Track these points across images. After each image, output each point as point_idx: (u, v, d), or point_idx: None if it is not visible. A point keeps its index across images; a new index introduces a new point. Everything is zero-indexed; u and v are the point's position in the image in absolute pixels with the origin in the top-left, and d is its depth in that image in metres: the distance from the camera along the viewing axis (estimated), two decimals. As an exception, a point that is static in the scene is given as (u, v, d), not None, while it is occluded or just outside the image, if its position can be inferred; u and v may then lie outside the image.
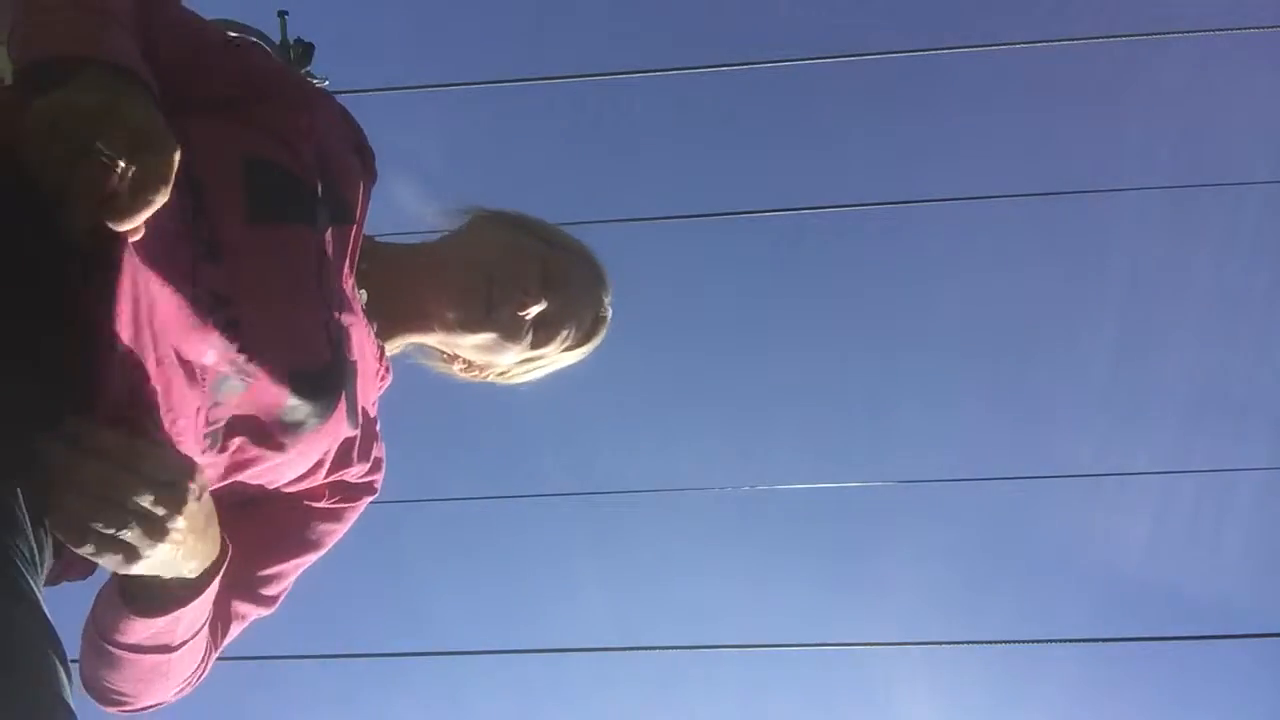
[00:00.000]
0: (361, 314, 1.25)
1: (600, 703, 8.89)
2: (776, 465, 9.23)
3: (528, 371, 1.47)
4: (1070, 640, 5.58)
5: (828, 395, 9.06)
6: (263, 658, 5.75)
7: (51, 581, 1.01)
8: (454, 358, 1.45)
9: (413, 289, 1.34)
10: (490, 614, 9.16)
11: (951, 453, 9.20)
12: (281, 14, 4.90)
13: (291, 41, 4.85)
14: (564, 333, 1.41)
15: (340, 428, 1.19)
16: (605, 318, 1.48)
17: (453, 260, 1.37)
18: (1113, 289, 8.44)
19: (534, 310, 1.36)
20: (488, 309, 1.34)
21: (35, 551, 0.91)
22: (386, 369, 1.34)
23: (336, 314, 1.17)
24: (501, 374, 1.47)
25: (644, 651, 6.60)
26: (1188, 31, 5.66)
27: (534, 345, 1.39)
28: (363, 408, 1.26)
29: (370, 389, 1.30)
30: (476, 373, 1.46)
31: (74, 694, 0.86)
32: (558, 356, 1.45)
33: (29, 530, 0.91)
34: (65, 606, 0.97)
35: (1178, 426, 8.32)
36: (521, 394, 1.52)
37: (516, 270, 1.36)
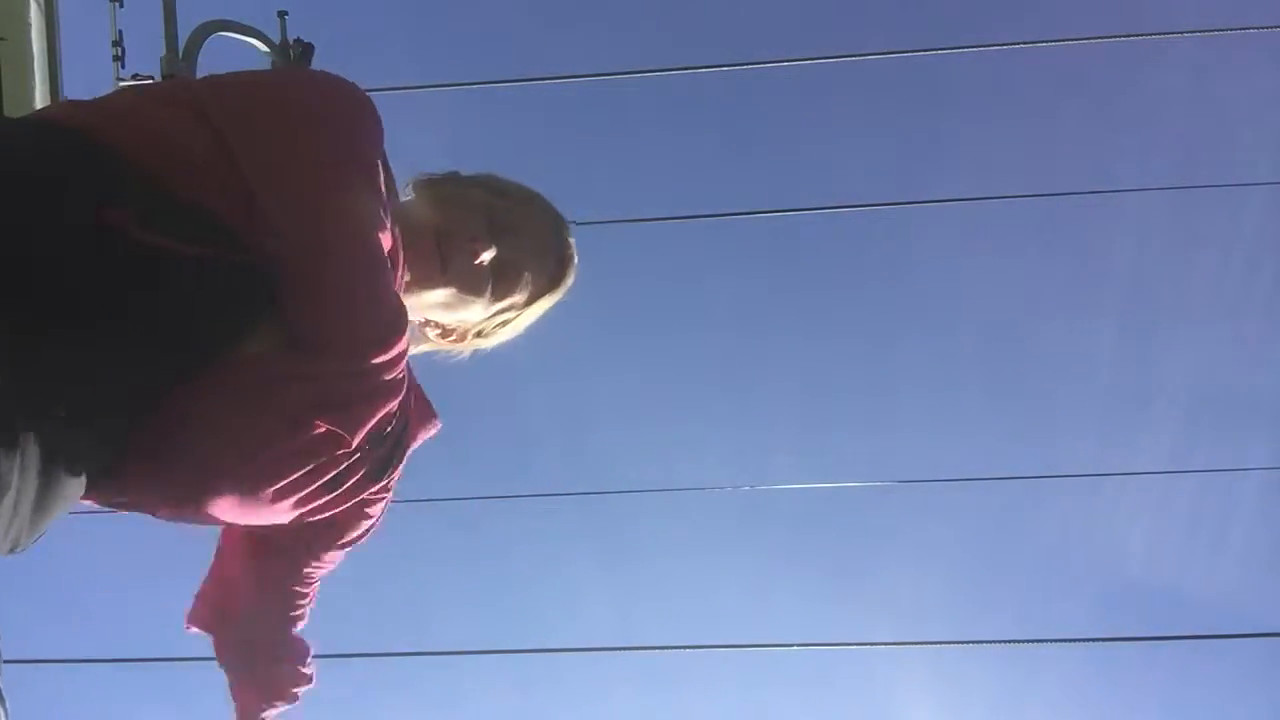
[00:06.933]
0: None
1: (600, 703, 8.89)
2: (776, 465, 9.24)
3: (503, 325, 1.45)
4: (1070, 640, 5.59)
5: (828, 395, 9.06)
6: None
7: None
8: (427, 324, 1.44)
9: None
10: (490, 614, 9.16)
11: (951, 453, 9.20)
12: (281, 14, 4.89)
13: (291, 41, 4.84)
14: (525, 276, 1.39)
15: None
16: (569, 257, 1.45)
17: (400, 224, 1.34)
18: (1113, 289, 8.44)
19: (486, 256, 1.35)
20: (443, 265, 1.34)
21: None
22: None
23: None
24: (479, 334, 1.45)
25: (644, 651, 6.60)
26: (1188, 31, 5.66)
27: (497, 295, 1.38)
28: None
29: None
30: (455, 339, 1.45)
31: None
32: (528, 305, 1.43)
33: None
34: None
35: (1178, 426, 8.33)
36: (521, 391, 1.51)
37: (462, 221, 1.35)
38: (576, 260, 1.46)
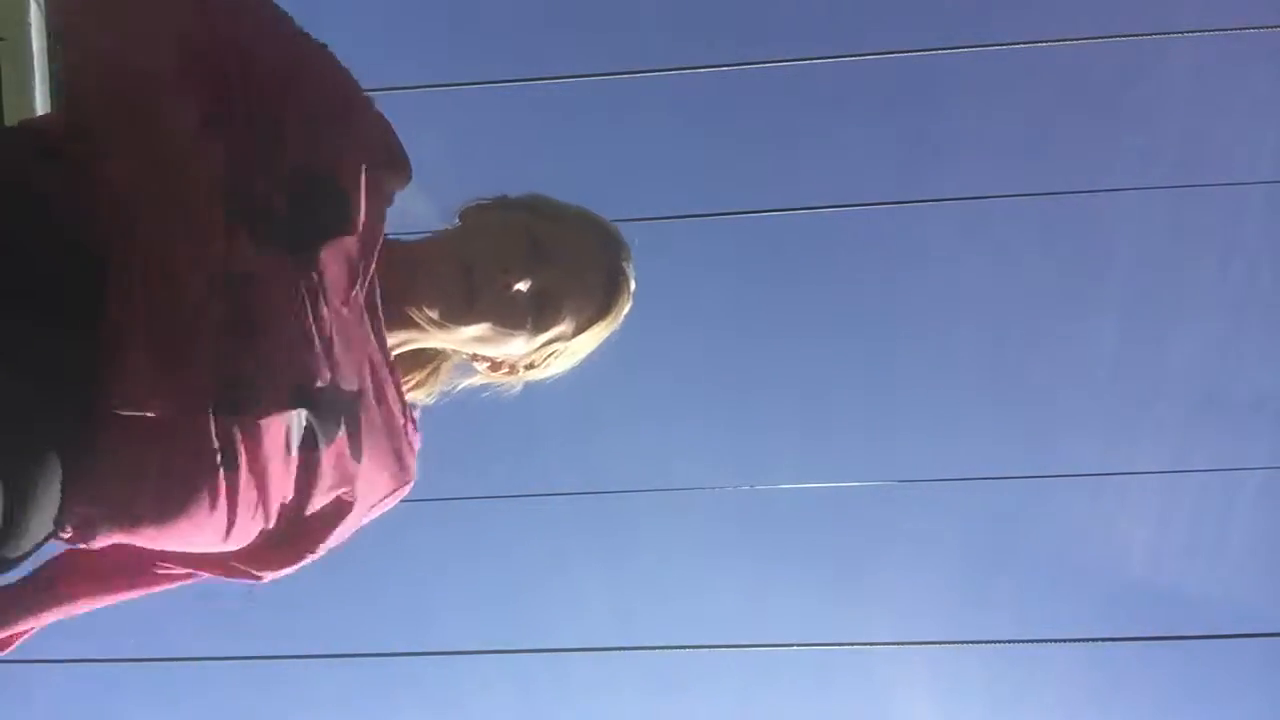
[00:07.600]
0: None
1: (600, 703, 8.89)
2: (776, 465, 9.24)
3: (555, 357, 1.35)
4: (1070, 640, 5.59)
5: (828, 394, 9.06)
6: (263, 658, 5.75)
7: None
8: (474, 359, 1.36)
9: (394, 291, 1.22)
10: (490, 614, 9.16)
11: (951, 453, 9.20)
12: (281, 14, 4.88)
13: (291, 41, 4.83)
14: (568, 305, 1.29)
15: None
16: (623, 283, 1.35)
17: (431, 255, 1.27)
18: (1113, 289, 8.44)
19: (518, 286, 1.25)
20: (471, 299, 1.24)
21: None
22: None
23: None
24: (530, 366, 1.36)
25: (644, 651, 6.60)
26: (1188, 31, 5.66)
27: (539, 327, 1.28)
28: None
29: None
30: (506, 372, 1.37)
31: None
32: (577, 335, 1.33)
33: None
34: None
35: (1179, 426, 8.33)
36: (521, 391, 1.44)
37: (497, 250, 1.26)
38: (633, 286, 1.37)
